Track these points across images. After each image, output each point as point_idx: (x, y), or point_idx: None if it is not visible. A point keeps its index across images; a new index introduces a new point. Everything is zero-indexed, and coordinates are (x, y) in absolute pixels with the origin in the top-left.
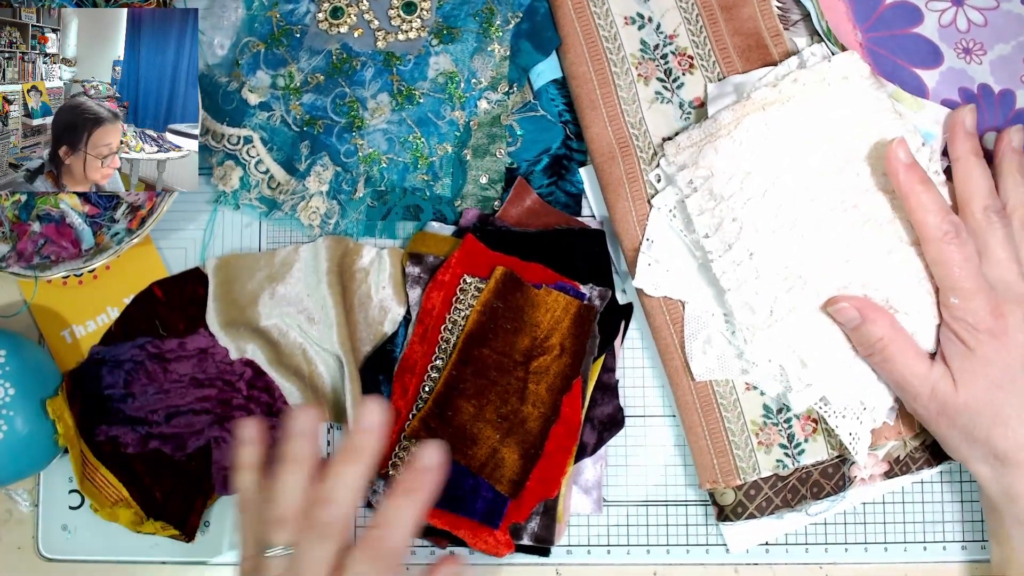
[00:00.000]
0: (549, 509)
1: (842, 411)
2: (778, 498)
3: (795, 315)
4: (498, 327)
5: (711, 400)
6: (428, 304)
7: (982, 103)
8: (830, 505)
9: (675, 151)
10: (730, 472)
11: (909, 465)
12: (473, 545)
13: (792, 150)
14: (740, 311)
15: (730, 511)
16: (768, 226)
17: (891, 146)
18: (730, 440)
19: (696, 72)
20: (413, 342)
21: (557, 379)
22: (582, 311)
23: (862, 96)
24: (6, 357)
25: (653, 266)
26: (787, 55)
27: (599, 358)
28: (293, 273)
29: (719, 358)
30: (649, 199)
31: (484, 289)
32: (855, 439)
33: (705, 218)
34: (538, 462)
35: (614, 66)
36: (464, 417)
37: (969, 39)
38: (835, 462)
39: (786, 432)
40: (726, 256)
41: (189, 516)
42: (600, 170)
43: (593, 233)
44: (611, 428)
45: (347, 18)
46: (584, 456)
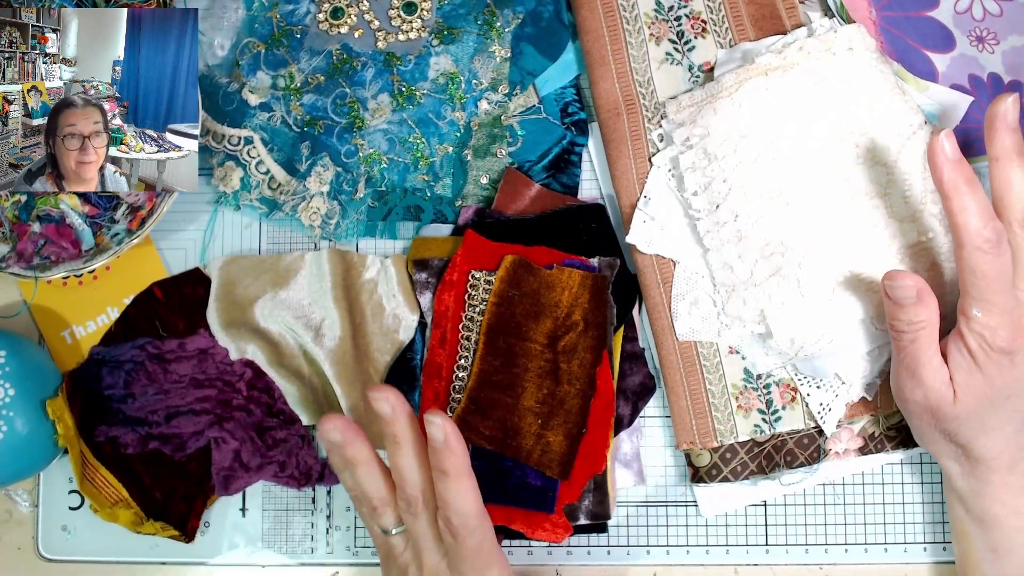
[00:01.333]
0: (599, 484)
1: (816, 381)
2: (753, 463)
3: (774, 281)
4: (517, 314)
5: (694, 361)
6: (441, 307)
7: (991, 92)
8: (804, 476)
9: (676, 109)
10: (708, 434)
11: (884, 443)
12: (532, 535)
13: (791, 117)
14: (720, 271)
15: (704, 472)
16: (757, 191)
17: (936, 138)
18: (710, 402)
19: (708, 36)
20: (433, 347)
21: (587, 354)
22: (599, 282)
23: (867, 68)
24: (6, 358)
25: (648, 223)
26: (799, 27)
27: (619, 328)
28: (298, 279)
29: (704, 319)
30: (650, 157)
31: (495, 280)
32: (825, 410)
33: (696, 176)
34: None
35: (627, 24)
36: (502, 410)
37: (983, 27)
38: (811, 433)
39: (765, 398)
40: (711, 216)
41: (189, 517)
42: (605, 126)
43: (591, 207)
44: (644, 396)
45: (347, 18)
46: (621, 428)
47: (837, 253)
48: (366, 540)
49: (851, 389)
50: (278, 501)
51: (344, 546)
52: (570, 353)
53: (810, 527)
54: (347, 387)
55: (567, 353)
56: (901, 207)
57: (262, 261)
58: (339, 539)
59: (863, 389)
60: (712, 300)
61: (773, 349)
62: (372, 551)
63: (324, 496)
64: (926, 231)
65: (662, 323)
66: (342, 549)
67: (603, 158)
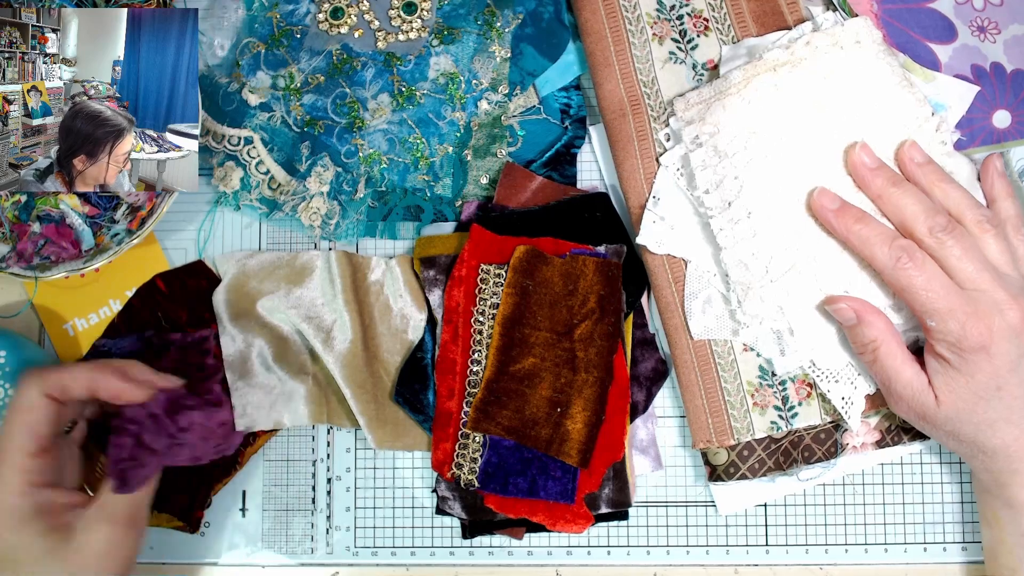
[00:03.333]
0: (619, 472)
1: (835, 376)
2: (771, 460)
3: (790, 276)
4: (532, 304)
5: (709, 360)
6: (451, 303)
7: (994, 81)
8: (821, 472)
9: (684, 107)
10: (724, 432)
11: (901, 435)
12: (553, 527)
13: (801, 112)
14: (735, 269)
15: (722, 471)
16: (769, 186)
17: (816, 195)
18: (726, 400)
19: (711, 34)
20: (446, 343)
21: (604, 341)
22: (612, 269)
23: (874, 61)
24: (6, 357)
25: (658, 223)
26: (801, 22)
27: (628, 315)
28: (313, 278)
29: (718, 318)
30: (657, 157)
31: (509, 270)
32: (848, 403)
33: (707, 174)
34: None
35: (629, 24)
36: (520, 399)
37: (984, 17)
38: (828, 428)
39: (781, 394)
40: (725, 213)
41: (192, 507)
42: (610, 127)
43: (596, 196)
44: (657, 381)
45: (347, 19)
46: (636, 415)
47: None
48: (366, 540)
49: (868, 380)
50: (278, 501)
51: (344, 546)
52: (587, 341)
53: (810, 527)
54: (357, 390)
55: (584, 341)
56: None
57: (279, 257)
58: (339, 539)
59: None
60: (725, 298)
61: (790, 347)
62: (372, 551)
63: (324, 496)
64: None
65: (675, 322)
66: (342, 549)
67: (608, 159)
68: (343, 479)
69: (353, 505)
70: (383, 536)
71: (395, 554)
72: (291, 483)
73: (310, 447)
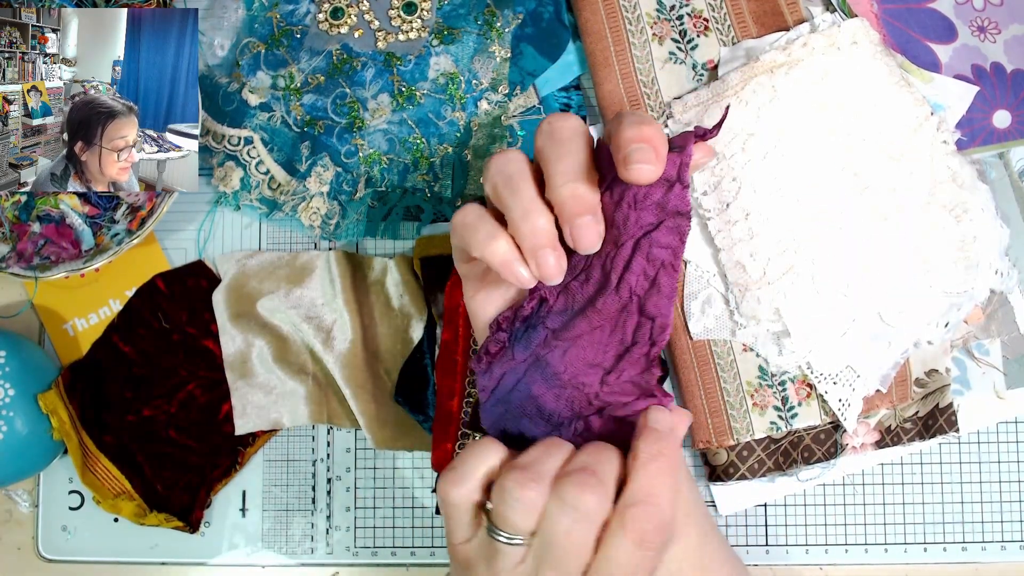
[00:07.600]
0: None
1: (833, 377)
2: (770, 460)
3: (787, 279)
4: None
5: (708, 360)
6: (451, 303)
7: (994, 81)
8: (821, 472)
9: (682, 109)
10: (724, 432)
11: (900, 436)
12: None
13: (798, 113)
14: (732, 270)
15: (722, 471)
16: (767, 188)
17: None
18: (725, 400)
19: (711, 35)
20: (446, 343)
21: None
22: None
23: (872, 62)
24: (6, 358)
25: None
26: (801, 23)
27: None
28: (313, 278)
29: (717, 318)
30: None
31: None
32: (845, 405)
33: (705, 175)
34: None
35: (629, 24)
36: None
37: (984, 17)
38: (827, 428)
39: (780, 395)
40: (722, 215)
41: (192, 508)
42: None
43: None
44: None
45: (347, 18)
46: None
47: (849, 247)
48: (366, 540)
49: (866, 382)
50: (278, 501)
51: (344, 546)
52: None
53: (810, 527)
54: (357, 389)
55: None
56: (911, 198)
57: (279, 257)
58: (339, 539)
59: (878, 381)
60: (725, 299)
61: (787, 348)
62: (372, 551)
63: (324, 496)
64: (936, 222)
65: (675, 323)
66: (342, 549)
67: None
68: (343, 479)
69: (353, 505)
70: (383, 536)
71: (395, 554)
72: (291, 483)
73: (310, 447)
